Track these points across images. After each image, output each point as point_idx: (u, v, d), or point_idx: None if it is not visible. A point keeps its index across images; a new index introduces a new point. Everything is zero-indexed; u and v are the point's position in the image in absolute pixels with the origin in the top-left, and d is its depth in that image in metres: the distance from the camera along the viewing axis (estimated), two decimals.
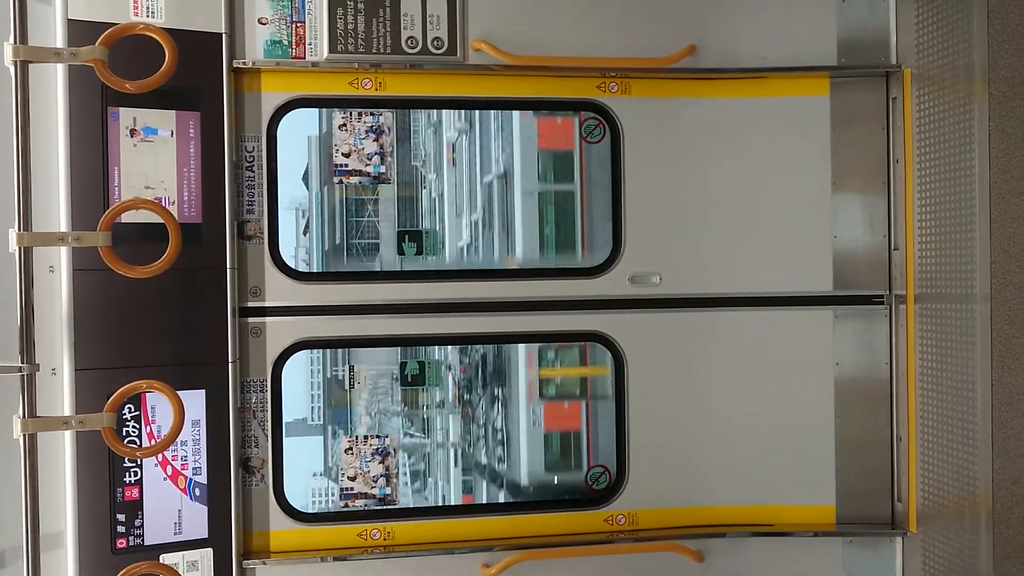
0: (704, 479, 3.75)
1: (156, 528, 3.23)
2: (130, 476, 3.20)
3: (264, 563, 3.42)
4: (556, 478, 4.66)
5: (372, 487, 3.78)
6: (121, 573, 2.75)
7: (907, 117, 3.60)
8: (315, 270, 4.50)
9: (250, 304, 3.48)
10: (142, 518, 3.21)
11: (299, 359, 3.79)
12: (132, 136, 3.20)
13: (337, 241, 4.53)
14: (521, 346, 4.54)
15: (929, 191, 3.48)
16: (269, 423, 3.49)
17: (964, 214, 3.26)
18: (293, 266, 3.58)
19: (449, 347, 4.51)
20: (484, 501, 4.84)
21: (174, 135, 3.24)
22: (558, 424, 4.70)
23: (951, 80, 3.34)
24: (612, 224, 3.74)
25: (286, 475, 3.53)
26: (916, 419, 3.57)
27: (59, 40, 3.06)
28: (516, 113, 4.50)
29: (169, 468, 3.26)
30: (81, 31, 3.04)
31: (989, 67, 3.16)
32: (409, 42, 3.49)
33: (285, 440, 3.54)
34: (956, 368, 3.33)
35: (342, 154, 3.73)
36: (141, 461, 3.21)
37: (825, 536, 3.69)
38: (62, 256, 3.12)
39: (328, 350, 4.27)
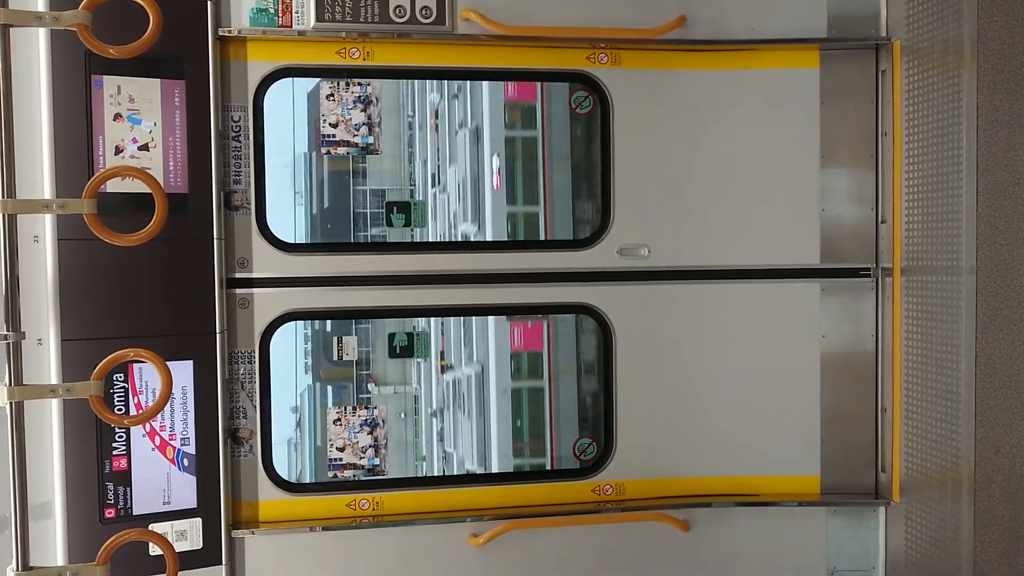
0: (690, 450, 3.78)
1: (144, 498, 3.24)
2: (118, 447, 3.20)
3: (253, 533, 3.43)
4: None
5: (361, 458, 3.79)
6: (111, 540, 2.75)
7: (896, 90, 3.60)
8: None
9: (237, 275, 3.47)
10: (130, 488, 3.22)
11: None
12: (116, 121, 3.17)
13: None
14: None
15: (917, 164, 3.49)
16: (257, 394, 3.49)
17: (951, 187, 3.28)
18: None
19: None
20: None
21: (158, 125, 3.22)
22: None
23: (940, 53, 3.34)
24: (601, 196, 3.74)
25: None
26: (901, 391, 3.60)
27: (41, 3, 3.02)
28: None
29: (157, 439, 3.26)
30: None
31: (978, 40, 3.16)
32: (397, 11, 3.46)
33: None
34: (941, 340, 3.36)
35: (329, 124, 3.70)
36: (129, 432, 3.20)
37: (809, 506, 3.74)
38: (47, 226, 3.10)
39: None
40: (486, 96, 5.16)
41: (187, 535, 3.29)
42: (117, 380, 3.19)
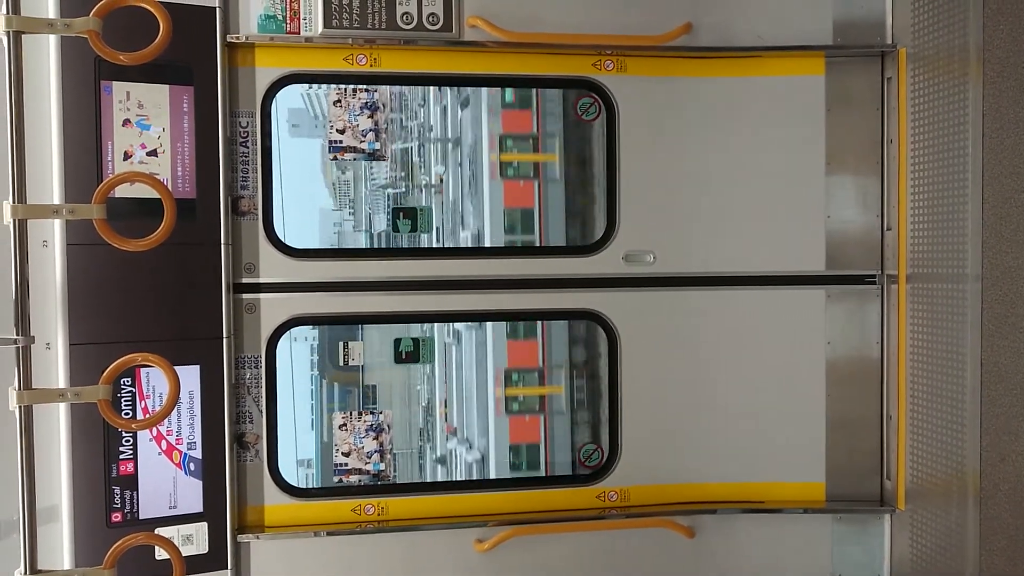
0: (696, 456, 3.78)
1: (151, 502, 3.25)
2: (125, 451, 3.21)
3: (258, 537, 3.44)
4: None
5: (366, 463, 3.80)
6: (118, 543, 2.76)
7: (901, 97, 3.60)
8: None
9: (244, 280, 3.48)
10: (137, 492, 3.23)
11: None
12: (125, 126, 3.19)
13: None
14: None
15: (922, 171, 3.49)
16: (264, 399, 3.50)
17: (956, 194, 3.28)
18: None
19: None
20: None
21: (167, 131, 3.24)
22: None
23: (946, 60, 3.35)
24: (607, 202, 3.74)
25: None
26: (906, 398, 3.60)
27: (52, 11, 3.04)
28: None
29: (164, 443, 3.27)
30: (75, 2, 3.02)
31: (984, 48, 3.17)
32: (404, 18, 3.48)
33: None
34: (946, 347, 3.36)
35: (337, 130, 3.71)
36: (136, 436, 3.21)
37: (815, 513, 3.74)
38: (56, 230, 3.12)
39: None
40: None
41: (193, 539, 3.30)
42: (124, 384, 3.20)
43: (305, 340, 4.85)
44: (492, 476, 5.35)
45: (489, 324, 5.00)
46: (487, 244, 4.75)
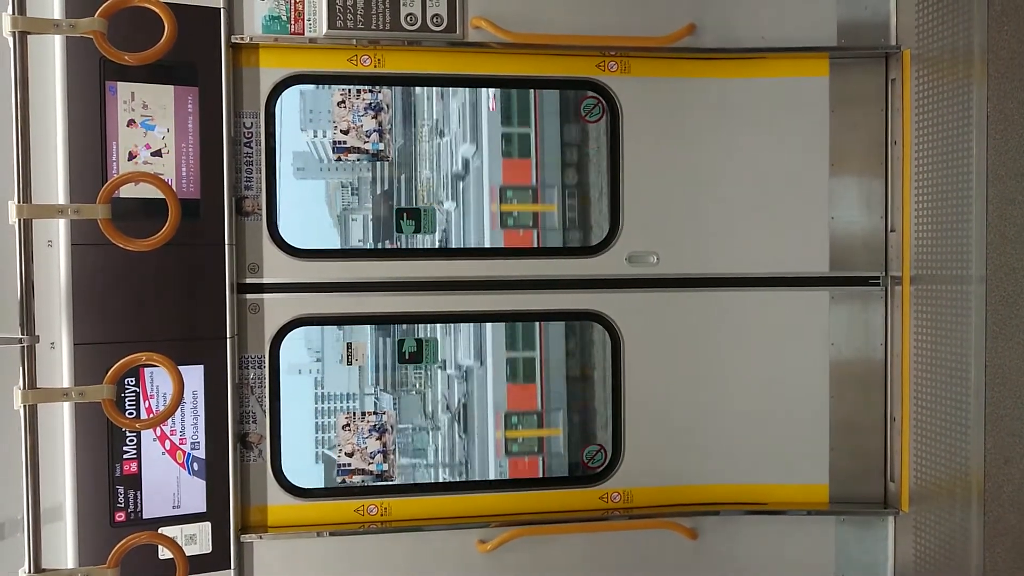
0: (699, 458, 3.78)
1: (154, 502, 3.25)
2: (129, 450, 3.22)
3: (261, 537, 3.44)
4: None
5: (369, 463, 3.80)
6: (122, 543, 2.77)
7: (906, 98, 3.60)
8: None
9: (248, 280, 3.49)
10: (140, 492, 3.23)
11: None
12: (129, 127, 3.20)
13: None
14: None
15: (926, 173, 3.49)
16: (267, 399, 3.50)
17: (961, 196, 3.27)
18: None
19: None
20: None
21: (171, 131, 3.24)
22: None
23: (950, 62, 3.35)
24: (610, 203, 3.74)
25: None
26: (910, 399, 3.59)
27: (58, 11, 3.05)
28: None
29: (167, 443, 3.28)
30: (80, 3, 3.03)
31: (988, 49, 3.16)
32: (408, 19, 3.48)
33: None
34: (950, 349, 3.35)
35: (340, 131, 3.72)
36: (139, 436, 3.22)
37: (818, 515, 3.73)
38: (60, 231, 3.13)
39: None
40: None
41: (196, 539, 3.30)
42: (128, 384, 3.21)
43: (309, 373, 4.91)
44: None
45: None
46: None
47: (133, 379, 3.21)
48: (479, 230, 5.20)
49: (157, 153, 3.25)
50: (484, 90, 4.97)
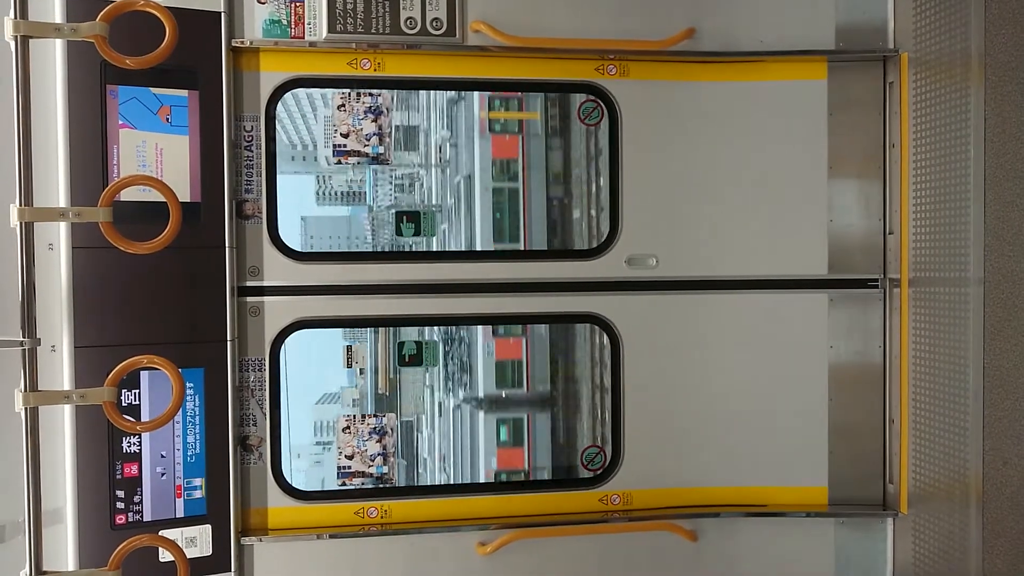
0: (698, 460, 3.78)
1: (155, 504, 3.26)
2: (129, 453, 3.22)
3: (261, 540, 3.45)
4: None
5: (369, 466, 3.81)
6: (123, 545, 2.77)
7: (904, 102, 3.61)
8: None
9: (248, 283, 3.50)
10: (141, 494, 3.24)
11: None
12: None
13: None
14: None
15: (924, 175, 3.50)
16: (267, 402, 3.51)
17: (959, 198, 3.29)
18: None
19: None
20: None
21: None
22: None
23: (948, 65, 3.36)
24: (609, 206, 3.76)
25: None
26: (908, 402, 3.60)
27: (59, 15, 3.06)
28: None
29: (168, 445, 3.28)
30: (81, 7, 3.04)
31: (986, 52, 3.18)
32: (408, 22, 3.49)
33: None
34: (948, 351, 3.36)
35: (340, 134, 3.73)
36: (140, 438, 3.23)
37: (817, 517, 3.74)
38: (61, 234, 3.13)
39: None
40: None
41: (197, 542, 3.31)
42: (129, 386, 3.21)
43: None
44: None
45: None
46: None
47: (133, 383, 3.21)
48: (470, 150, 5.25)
49: None
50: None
